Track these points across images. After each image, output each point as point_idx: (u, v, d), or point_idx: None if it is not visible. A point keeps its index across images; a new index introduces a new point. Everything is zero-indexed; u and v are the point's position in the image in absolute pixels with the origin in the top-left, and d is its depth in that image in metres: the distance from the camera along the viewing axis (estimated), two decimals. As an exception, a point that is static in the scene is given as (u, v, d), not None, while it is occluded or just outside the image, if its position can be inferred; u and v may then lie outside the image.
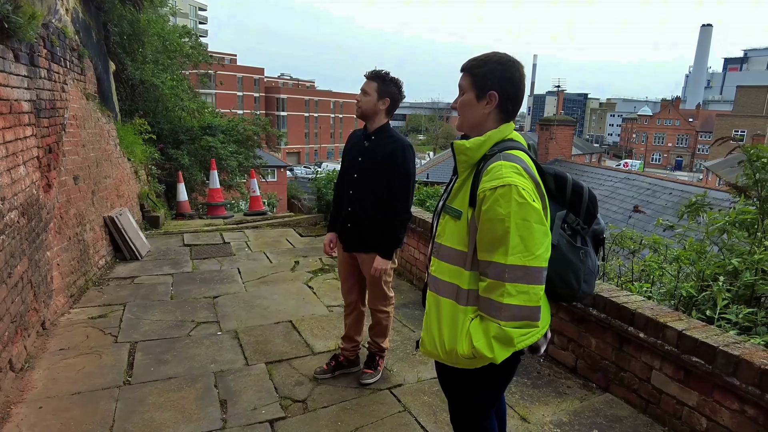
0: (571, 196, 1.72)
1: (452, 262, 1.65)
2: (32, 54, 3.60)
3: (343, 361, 3.22)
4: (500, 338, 1.52)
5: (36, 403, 2.82)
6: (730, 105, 66.78)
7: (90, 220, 4.99)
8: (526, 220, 1.47)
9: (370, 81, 2.81)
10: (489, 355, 1.53)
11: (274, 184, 28.75)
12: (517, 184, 1.49)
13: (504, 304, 1.49)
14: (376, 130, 2.88)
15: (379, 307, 3.09)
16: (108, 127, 6.12)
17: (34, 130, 3.61)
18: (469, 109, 1.69)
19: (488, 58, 1.67)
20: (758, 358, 2.22)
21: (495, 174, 1.52)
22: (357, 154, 2.93)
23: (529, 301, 1.49)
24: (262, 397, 2.96)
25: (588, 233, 1.73)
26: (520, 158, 1.58)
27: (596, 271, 1.76)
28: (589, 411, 2.83)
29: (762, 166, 3.44)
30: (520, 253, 1.47)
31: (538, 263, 1.49)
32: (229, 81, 54.73)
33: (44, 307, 3.67)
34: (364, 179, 2.87)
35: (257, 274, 5.28)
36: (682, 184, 12.63)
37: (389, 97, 2.83)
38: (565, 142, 17.28)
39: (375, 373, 3.15)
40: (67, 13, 4.99)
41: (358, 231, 2.93)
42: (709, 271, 3.13)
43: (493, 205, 1.49)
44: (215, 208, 9.43)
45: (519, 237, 1.47)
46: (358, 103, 2.85)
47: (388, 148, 2.82)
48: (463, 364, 1.63)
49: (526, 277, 1.48)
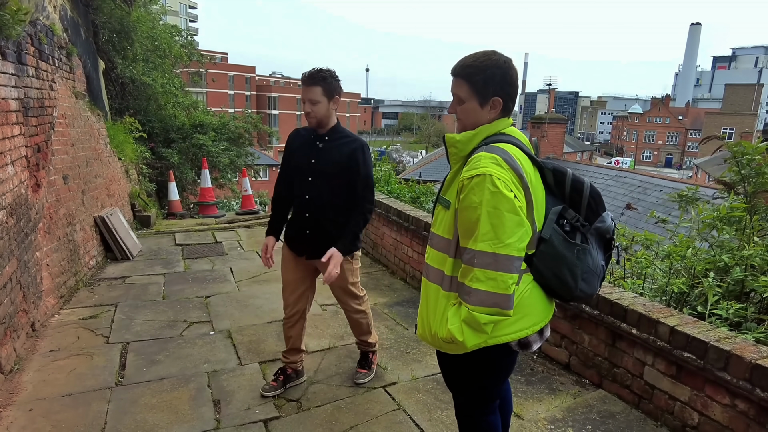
0: (570, 192, 1.71)
1: (440, 250, 1.71)
2: (19, 52, 3.55)
3: (291, 373, 3.04)
4: (469, 322, 1.55)
5: (26, 406, 2.79)
6: (719, 103, 67.45)
7: (80, 220, 4.94)
8: (497, 209, 1.50)
9: (313, 86, 2.60)
10: (459, 338, 1.56)
11: (266, 183, 28.65)
12: (492, 174, 1.52)
13: (473, 289, 1.53)
14: (329, 130, 2.74)
15: (354, 307, 2.98)
16: (98, 125, 6.06)
17: (21, 129, 3.56)
18: (472, 116, 1.70)
19: (484, 64, 1.65)
20: (749, 353, 2.24)
21: (473, 164, 1.57)
22: (309, 156, 2.74)
23: (496, 288, 1.50)
24: (256, 396, 2.94)
25: (590, 230, 1.70)
26: (504, 150, 1.60)
27: (599, 271, 1.72)
28: (582, 407, 2.84)
29: (747, 163, 3.48)
30: (490, 240, 1.50)
31: (507, 251, 1.50)
32: (220, 79, 54.39)
33: (34, 308, 3.62)
34: (322, 182, 2.71)
35: (250, 273, 5.26)
36: (673, 182, 12.75)
37: (337, 94, 2.68)
38: (556, 140, 17.35)
39: (369, 372, 3.14)
40: (55, 11, 4.93)
41: (319, 237, 2.76)
42: (699, 268, 3.16)
43: (469, 193, 1.54)
44: (207, 207, 9.37)
45: (489, 224, 1.50)
46: (310, 113, 2.64)
47: (347, 149, 2.70)
48: (445, 348, 1.67)
49: (494, 264, 1.50)
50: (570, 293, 1.69)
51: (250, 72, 64.00)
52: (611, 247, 1.80)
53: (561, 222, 1.68)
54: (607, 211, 1.76)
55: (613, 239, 1.79)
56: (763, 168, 3.43)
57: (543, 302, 1.72)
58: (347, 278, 2.88)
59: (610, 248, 1.80)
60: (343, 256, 2.65)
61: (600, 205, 1.73)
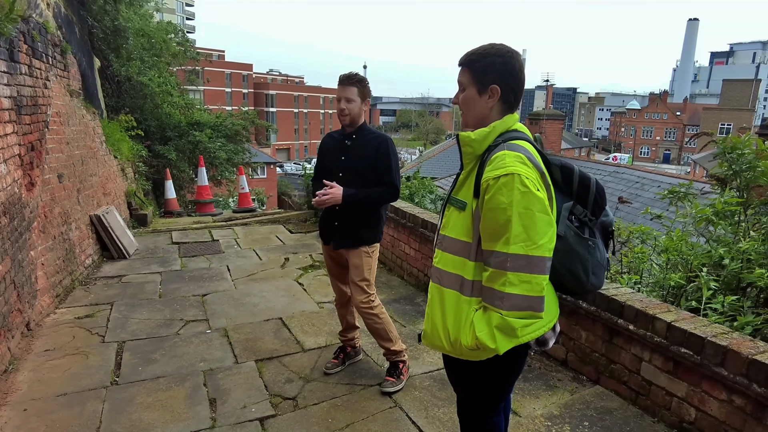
0: (578, 188, 1.69)
1: (456, 253, 1.63)
2: (12, 49, 3.52)
3: (350, 351, 3.30)
4: (502, 328, 1.50)
5: (21, 406, 2.77)
6: (717, 98, 67.54)
7: (75, 219, 4.91)
8: (528, 209, 1.46)
9: (350, 86, 2.86)
10: (492, 345, 1.51)
11: (263, 181, 28.61)
12: (521, 173, 1.47)
13: (506, 294, 1.48)
14: (357, 129, 2.95)
15: (361, 303, 2.99)
16: (93, 124, 6.02)
17: (15, 128, 3.53)
18: (472, 104, 1.68)
19: (486, 51, 1.64)
20: (745, 348, 2.24)
21: (498, 163, 1.51)
22: (339, 154, 2.98)
23: (531, 291, 1.47)
24: (252, 395, 2.93)
25: (596, 225, 1.71)
26: (524, 148, 1.57)
27: (605, 263, 1.74)
28: (579, 404, 2.84)
29: (737, 158, 3.48)
30: (523, 242, 1.46)
31: (540, 252, 1.47)
32: (217, 78, 54.23)
33: (29, 308, 3.60)
34: (351, 177, 2.91)
35: (247, 272, 5.24)
36: (670, 177, 12.75)
37: (369, 96, 2.94)
38: (554, 136, 17.33)
39: (397, 382, 3.02)
40: (49, 8, 4.89)
41: (346, 226, 2.94)
42: (696, 262, 3.15)
43: (496, 194, 1.48)
44: (204, 205, 9.36)
45: (521, 226, 1.46)
46: (345, 110, 2.87)
47: (373, 144, 2.93)
48: (467, 355, 1.61)
49: (528, 267, 1.47)
50: (582, 287, 1.69)
51: (248, 70, 63.86)
52: (610, 239, 1.80)
53: (571, 218, 1.67)
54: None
55: (613, 232, 1.80)
56: (754, 162, 3.42)
57: (555, 298, 1.71)
58: (363, 272, 2.95)
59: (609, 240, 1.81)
60: (342, 200, 2.82)
61: (604, 200, 1.73)
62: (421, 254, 4.62)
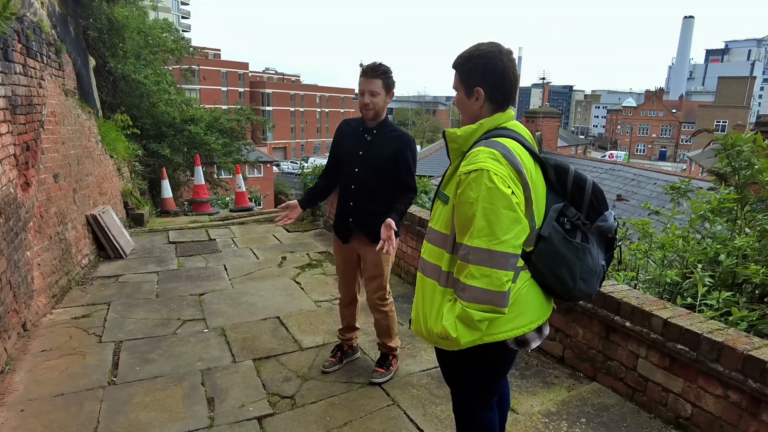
0: (572, 189, 1.67)
1: (437, 245, 1.68)
2: (5, 48, 3.50)
3: (347, 349, 3.27)
4: (462, 318, 1.53)
5: (17, 406, 2.77)
6: (712, 96, 67.66)
7: (72, 219, 4.90)
8: (493, 205, 1.48)
9: (375, 79, 2.68)
10: (453, 334, 1.54)
11: (260, 180, 28.54)
12: (489, 169, 1.50)
13: (467, 285, 1.51)
14: (378, 124, 2.81)
15: (376, 301, 3.01)
16: (89, 123, 6.00)
17: (9, 127, 3.52)
18: (463, 107, 1.74)
19: (470, 54, 1.68)
20: (741, 344, 2.25)
21: (471, 159, 1.56)
22: (357, 148, 2.83)
23: (491, 285, 1.48)
24: (250, 394, 2.93)
25: (591, 229, 1.66)
26: (503, 145, 1.57)
27: (599, 271, 1.68)
28: (576, 400, 2.85)
29: (737, 154, 3.50)
30: (486, 236, 1.48)
31: (503, 248, 1.48)
32: (213, 76, 54.14)
33: (25, 308, 3.59)
34: (368, 174, 2.80)
35: (244, 271, 5.24)
36: (667, 174, 12.80)
37: (393, 89, 2.78)
38: (550, 134, 17.36)
39: (386, 372, 3.08)
40: (43, 7, 4.87)
41: (362, 226, 2.86)
42: (692, 258, 3.16)
43: (466, 188, 1.52)
44: (200, 204, 9.33)
45: (486, 221, 1.48)
46: (369, 104, 2.71)
47: (395, 144, 2.78)
48: (441, 344, 1.66)
49: (489, 261, 1.48)
50: (568, 292, 1.66)
51: (244, 68, 63.68)
52: (613, 246, 1.75)
53: (561, 220, 1.64)
54: (609, 210, 1.71)
55: (615, 239, 1.74)
56: (752, 159, 3.44)
57: (541, 300, 1.68)
58: (381, 267, 2.92)
59: (612, 248, 1.75)
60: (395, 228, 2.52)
61: (602, 203, 1.68)
62: (419, 252, 4.61)
